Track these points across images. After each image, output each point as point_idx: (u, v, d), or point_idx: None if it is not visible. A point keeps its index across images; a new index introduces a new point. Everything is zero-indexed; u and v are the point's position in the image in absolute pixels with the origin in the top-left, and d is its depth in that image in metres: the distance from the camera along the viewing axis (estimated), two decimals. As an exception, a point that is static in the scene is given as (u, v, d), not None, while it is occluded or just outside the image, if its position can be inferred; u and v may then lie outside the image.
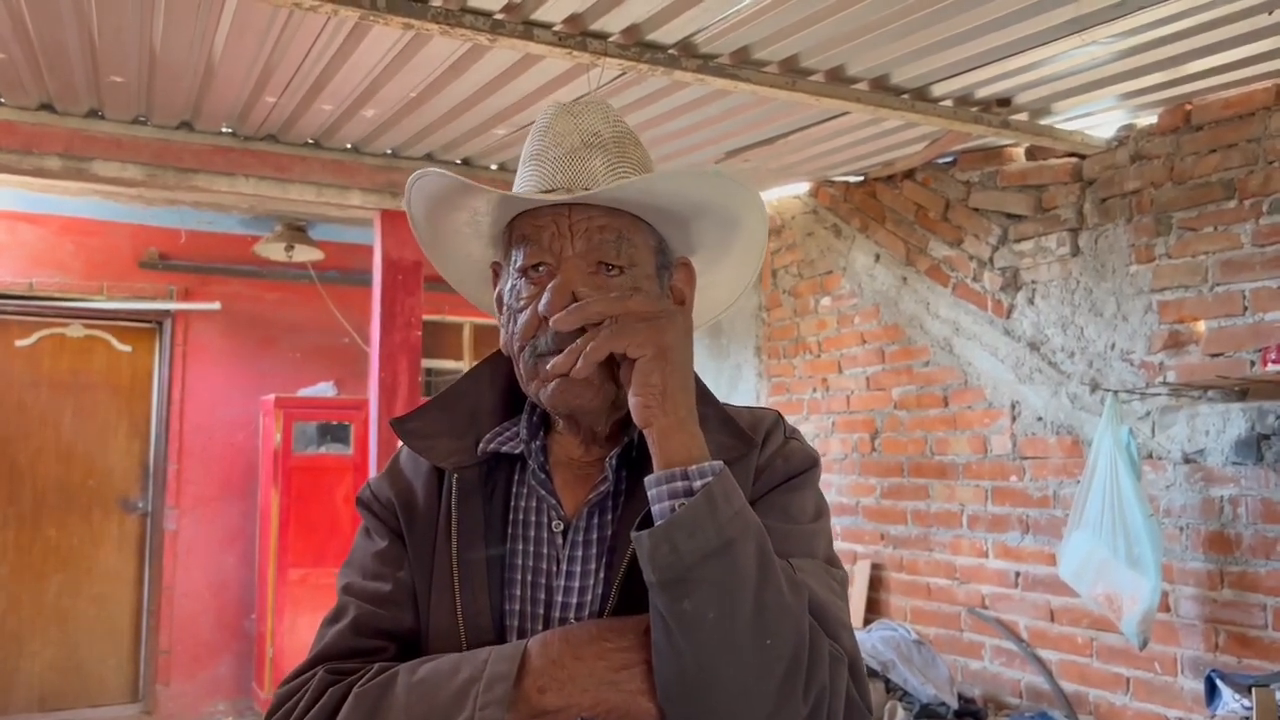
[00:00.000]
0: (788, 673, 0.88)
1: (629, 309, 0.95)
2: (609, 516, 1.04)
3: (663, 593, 0.88)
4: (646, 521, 0.93)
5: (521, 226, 1.04)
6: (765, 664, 0.87)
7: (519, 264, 1.03)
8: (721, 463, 0.92)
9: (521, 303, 1.02)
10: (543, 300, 0.98)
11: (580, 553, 1.03)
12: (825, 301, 4.83)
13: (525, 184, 1.07)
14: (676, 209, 1.05)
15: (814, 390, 4.87)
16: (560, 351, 0.96)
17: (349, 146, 4.19)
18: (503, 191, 1.04)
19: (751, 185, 1.06)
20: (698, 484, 0.90)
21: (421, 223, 1.14)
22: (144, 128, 3.91)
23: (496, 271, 1.13)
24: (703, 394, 1.03)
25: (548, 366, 0.98)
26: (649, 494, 0.92)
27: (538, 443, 1.07)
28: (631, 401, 0.94)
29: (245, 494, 5.80)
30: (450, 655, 0.96)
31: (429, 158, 4.29)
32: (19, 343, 5.52)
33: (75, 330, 5.64)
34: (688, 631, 0.87)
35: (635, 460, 1.04)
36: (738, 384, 5.29)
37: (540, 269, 1.02)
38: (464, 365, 6.47)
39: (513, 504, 1.07)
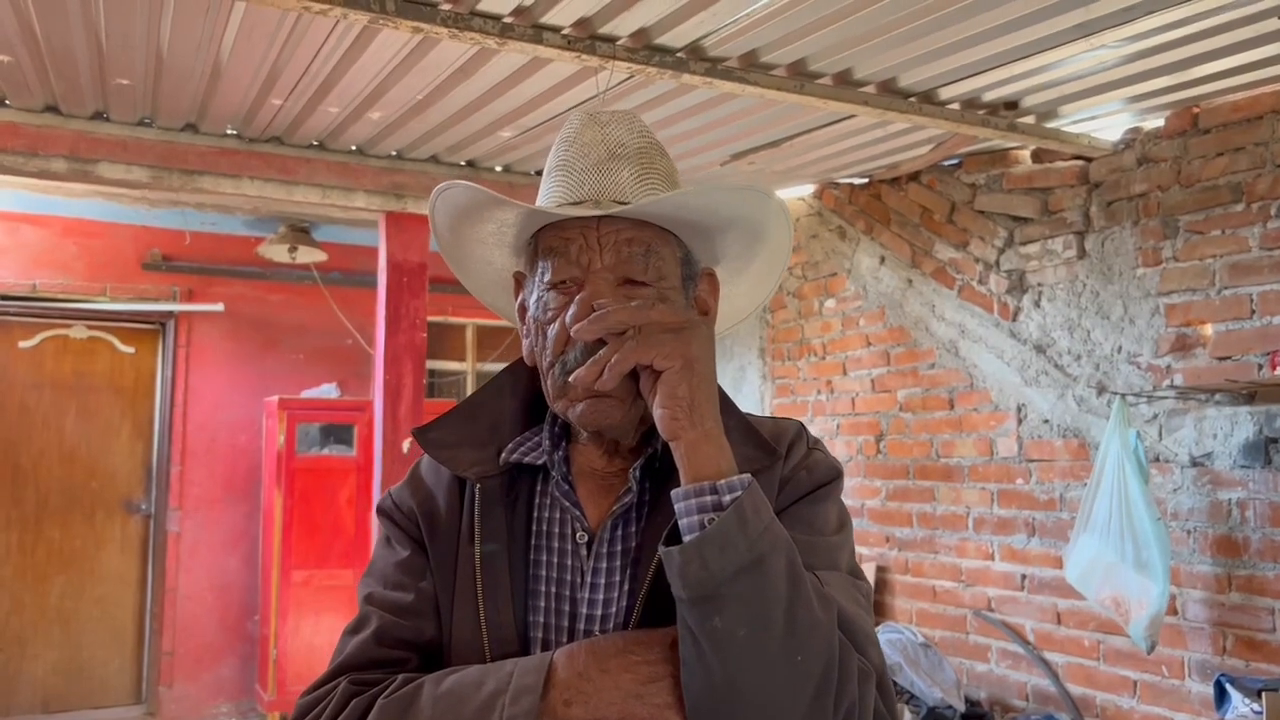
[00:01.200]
0: (818, 689, 0.87)
1: (652, 319, 0.93)
2: (633, 528, 1.03)
3: (693, 609, 0.87)
4: (672, 534, 0.92)
5: (548, 238, 1.03)
6: (796, 680, 0.86)
7: (546, 277, 1.02)
8: (750, 476, 0.91)
9: (549, 314, 1.01)
10: (569, 314, 0.97)
11: (605, 564, 1.02)
12: (830, 303, 4.83)
13: (552, 195, 1.06)
14: (705, 221, 1.05)
15: (818, 392, 4.87)
16: None
17: (354, 149, 4.19)
18: (532, 206, 1.03)
19: (778, 196, 1.05)
20: (727, 498, 0.89)
21: (445, 233, 1.13)
22: (149, 130, 3.90)
23: (519, 281, 1.12)
24: (725, 404, 1.01)
25: (571, 379, 0.96)
26: (676, 508, 0.91)
27: (560, 453, 1.07)
28: (657, 414, 0.93)
29: (248, 495, 5.79)
30: (475, 667, 0.96)
31: (434, 160, 4.29)
32: (22, 344, 5.51)
33: (78, 332, 5.63)
34: (718, 648, 0.86)
35: (659, 471, 1.03)
36: (741, 386, 5.28)
37: (568, 282, 1.01)
38: (467, 366, 6.47)
39: (536, 515, 1.07)
